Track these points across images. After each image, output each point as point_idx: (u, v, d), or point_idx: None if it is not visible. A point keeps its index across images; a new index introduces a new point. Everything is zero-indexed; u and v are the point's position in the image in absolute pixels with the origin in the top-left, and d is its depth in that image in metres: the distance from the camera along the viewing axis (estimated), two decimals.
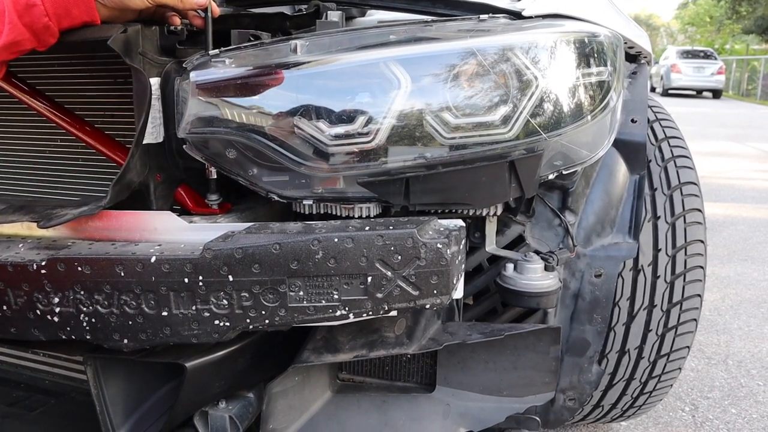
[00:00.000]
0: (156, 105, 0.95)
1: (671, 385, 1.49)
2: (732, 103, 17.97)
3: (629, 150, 1.26)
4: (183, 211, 1.03)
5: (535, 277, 1.06)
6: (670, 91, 19.61)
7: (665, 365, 1.41)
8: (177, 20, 1.00)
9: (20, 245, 0.92)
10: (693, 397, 2.02)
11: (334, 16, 1.07)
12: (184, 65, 0.95)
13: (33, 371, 1.32)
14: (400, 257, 0.82)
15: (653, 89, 20.86)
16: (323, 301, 0.83)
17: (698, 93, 19.99)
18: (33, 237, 0.95)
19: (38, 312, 0.88)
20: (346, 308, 0.83)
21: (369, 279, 0.82)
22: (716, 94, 19.53)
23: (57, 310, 0.87)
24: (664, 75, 19.67)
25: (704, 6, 36.64)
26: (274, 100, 0.93)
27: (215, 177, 1.01)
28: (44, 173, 1.24)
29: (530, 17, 1.05)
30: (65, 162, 1.21)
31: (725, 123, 11.48)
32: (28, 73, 1.18)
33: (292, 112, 0.91)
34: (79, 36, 0.93)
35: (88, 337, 0.87)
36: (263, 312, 0.83)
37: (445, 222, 0.89)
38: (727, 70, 20.82)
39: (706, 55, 19.90)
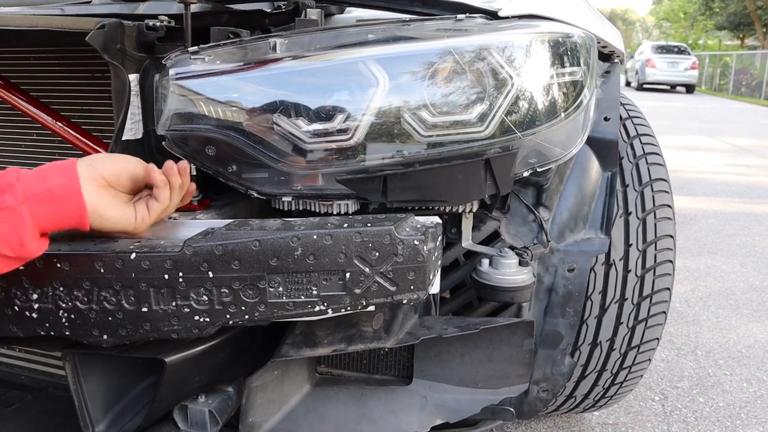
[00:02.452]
0: (135, 101, 0.95)
1: (641, 376, 1.54)
2: (704, 98, 18.28)
3: (602, 147, 1.29)
4: None
5: (509, 272, 1.09)
6: (645, 86, 19.88)
7: (636, 357, 1.44)
8: None
9: None
10: (663, 387, 2.08)
11: (313, 13, 1.08)
12: (163, 61, 0.96)
13: (8, 367, 1.31)
14: (377, 254, 0.83)
15: (628, 84, 21.13)
16: (302, 297, 0.84)
17: (672, 88, 20.30)
18: None
19: (16, 308, 0.88)
20: (325, 304, 0.84)
21: (347, 275, 0.83)
22: (689, 88, 19.87)
23: (36, 306, 0.87)
24: (639, 70, 19.94)
25: (679, 2, 37.12)
26: (253, 97, 0.93)
27: (194, 174, 1.01)
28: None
29: (506, 17, 1.06)
30: (42, 157, 1.21)
31: (698, 117, 11.69)
32: (3, 67, 1.17)
33: (272, 110, 0.92)
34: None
35: (67, 333, 0.87)
36: (243, 307, 0.84)
37: (421, 219, 0.91)
38: (700, 65, 21.18)
39: (680, 51, 20.22)
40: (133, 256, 0.83)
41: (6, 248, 0.72)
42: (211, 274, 0.82)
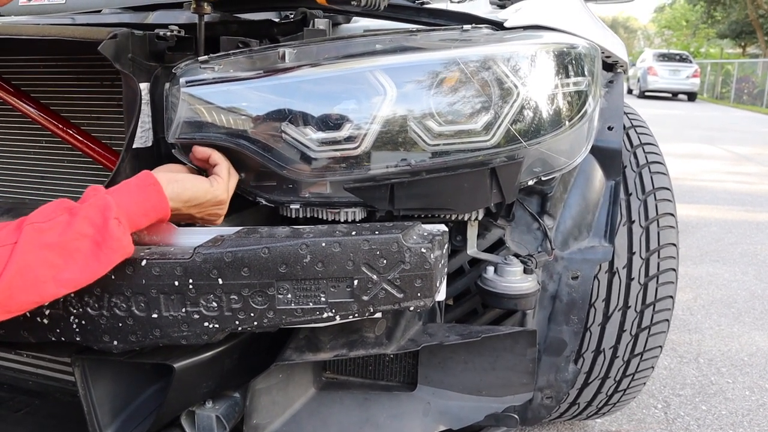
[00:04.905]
0: (145, 110, 0.97)
1: (644, 383, 1.54)
2: (706, 106, 18.29)
3: (605, 156, 1.30)
4: None
5: (514, 279, 1.09)
6: (647, 94, 19.90)
7: (639, 364, 1.45)
8: None
9: None
10: (665, 395, 2.08)
11: (320, 23, 1.09)
12: (173, 71, 0.97)
13: (16, 372, 1.32)
14: (385, 261, 0.84)
15: (630, 91, 21.15)
16: (311, 304, 0.85)
17: (674, 95, 20.30)
18: None
19: (28, 314, 0.89)
20: (333, 310, 0.86)
21: (355, 282, 0.85)
22: (691, 96, 19.88)
23: (47, 312, 0.88)
24: (641, 77, 19.96)
25: (680, 10, 37.20)
26: (262, 106, 0.95)
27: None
28: (33, 176, 1.24)
29: (512, 28, 1.08)
30: (53, 164, 1.22)
31: (699, 125, 11.69)
32: (14, 74, 1.18)
33: (280, 118, 0.93)
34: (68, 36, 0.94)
35: (77, 338, 0.88)
36: (252, 314, 0.85)
37: (428, 227, 0.92)
38: (701, 73, 21.17)
39: (682, 59, 20.23)
40: (143, 262, 0.84)
41: (89, 227, 0.75)
42: (220, 281, 0.83)
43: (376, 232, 0.86)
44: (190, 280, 0.83)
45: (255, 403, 1.02)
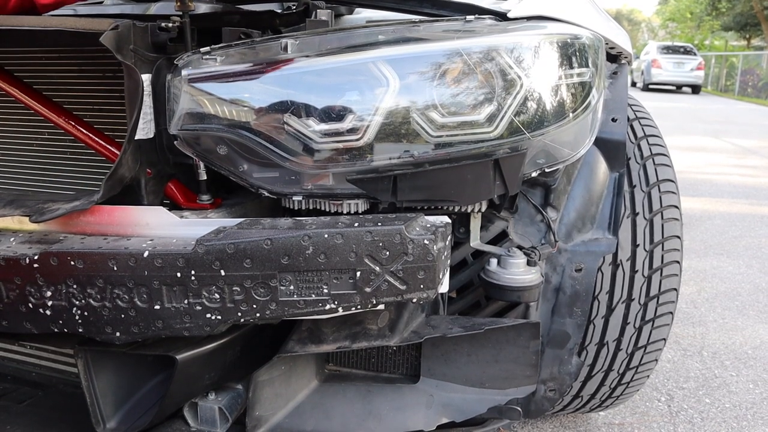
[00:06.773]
0: (147, 101, 0.96)
1: (648, 376, 1.54)
2: (710, 99, 18.21)
3: (609, 148, 1.29)
4: (173, 206, 1.04)
5: (517, 271, 1.09)
6: (651, 86, 19.81)
7: (642, 357, 1.45)
8: None
9: (11, 239, 0.93)
10: (669, 388, 2.08)
11: (323, 14, 1.09)
12: (175, 62, 0.97)
13: (19, 363, 1.32)
14: (388, 253, 0.84)
15: (634, 84, 21.06)
16: (313, 295, 0.85)
17: (678, 88, 20.21)
18: (24, 231, 0.96)
19: (30, 305, 0.89)
20: (336, 302, 0.85)
21: (358, 274, 0.84)
22: (695, 89, 19.78)
23: (49, 303, 0.88)
24: (645, 70, 19.86)
25: (685, 2, 36.95)
26: (264, 97, 0.94)
27: (205, 178, 1.02)
28: (35, 167, 1.24)
29: (515, 19, 1.07)
30: (55, 156, 1.22)
31: (703, 118, 11.65)
32: (16, 67, 1.18)
33: (283, 110, 0.93)
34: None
35: (80, 330, 0.88)
36: (254, 306, 0.85)
37: (431, 218, 0.92)
38: (706, 65, 21.08)
39: (686, 51, 20.13)
40: (146, 254, 0.84)
41: None
42: (223, 273, 0.83)
43: (379, 224, 0.85)
44: (193, 272, 0.83)
45: (258, 395, 1.02)
